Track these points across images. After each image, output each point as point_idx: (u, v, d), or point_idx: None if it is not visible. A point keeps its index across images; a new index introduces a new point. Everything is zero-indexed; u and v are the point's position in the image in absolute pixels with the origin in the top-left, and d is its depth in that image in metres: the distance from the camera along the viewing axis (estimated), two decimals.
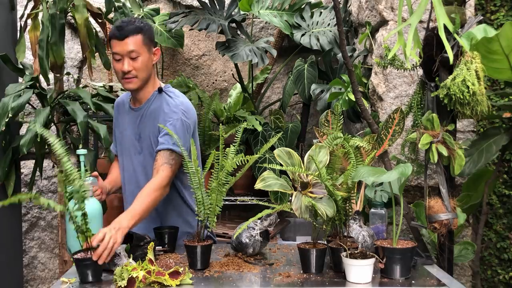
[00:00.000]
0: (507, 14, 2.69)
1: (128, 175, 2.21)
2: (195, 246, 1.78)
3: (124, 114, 2.24)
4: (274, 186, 1.73)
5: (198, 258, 1.78)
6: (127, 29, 2.03)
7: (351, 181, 1.73)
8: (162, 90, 2.15)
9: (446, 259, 1.94)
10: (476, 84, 1.74)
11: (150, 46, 2.10)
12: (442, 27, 1.57)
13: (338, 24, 2.25)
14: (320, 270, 1.75)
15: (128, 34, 2.03)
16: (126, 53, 2.04)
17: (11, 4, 3.00)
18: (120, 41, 2.03)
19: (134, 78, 2.07)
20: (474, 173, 2.24)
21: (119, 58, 2.05)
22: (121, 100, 2.30)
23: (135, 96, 2.17)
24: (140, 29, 2.05)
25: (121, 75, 2.07)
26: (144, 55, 2.07)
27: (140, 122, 2.15)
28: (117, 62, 2.06)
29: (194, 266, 1.78)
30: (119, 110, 2.28)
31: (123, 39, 2.03)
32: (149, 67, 2.11)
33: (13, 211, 3.06)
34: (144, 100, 2.16)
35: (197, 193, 1.81)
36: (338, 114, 2.08)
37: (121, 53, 2.04)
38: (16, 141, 2.81)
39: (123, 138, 2.22)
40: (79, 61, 3.79)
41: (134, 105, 2.20)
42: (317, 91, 3.15)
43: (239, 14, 3.31)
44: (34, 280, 3.70)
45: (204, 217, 1.81)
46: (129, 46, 2.03)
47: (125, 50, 2.03)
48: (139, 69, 2.06)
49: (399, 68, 2.15)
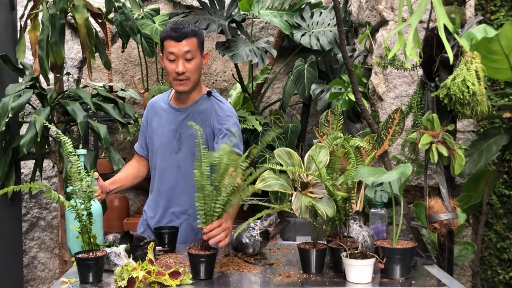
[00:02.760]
0: (507, 14, 2.69)
1: (160, 174, 2.23)
2: (199, 255, 1.70)
3: (162, 113, 2.26)
4: (274, 186, 1.73)
5: (201, 267, 1.69)
6: (184, 31, 2.08)
7: (351, 181, 1.73)
8: (211, 93, 2.22)
9: (446, 259, 1.94)
10: (476, 84, 1.74)
11: (202, 50, 2.17)
12: (442, 27, 1.57)
13: (338, 24, 2.25)
14: (320, 270, 1.75)
15: (186, 36, 2.08)
16: (182, 54, 2.08)
17: (11, 4, 3.00)
18: (177, 42, 2.08)
19: (186, 80, 2.12)
20: (474, 173, 2.24)
21: (174, 58, 2.09)
22: (157, 100, 2.33)
23: (182, 97, 2.20)
24: (195, 32, 2.11)
25: (174, 76, 2.12)
26: (198, 57, 2.12)
27: (183, 122, 2.17)
28: (171, 63, 2.10)
29: (198, 276, 1.69)
30: (154, 109, 2.30)
31: (180, 40, 2.07)
32: (200, 70, 2.18)
33: (13, 211, 3.06)
34: (190, 101, 2.20)
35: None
36: (338, 114, 2.08)
37: (177, 54, 2.08)
38: (16, 141, 2.81)
39: (157, 137, 2.24)
40: (79, 61, 3.79)
41: (178, 105, 2.23)
42: (317, 91, 3.15)
43: (239, 14, 3.31)
44: (34, 280, 3.70)
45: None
46: (186, 48, 2.08)
47: (181, 51, 2.08)
48: (192, 71, 2.11)
49: (399, 68, 2.15)
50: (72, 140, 3.02)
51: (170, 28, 2.11)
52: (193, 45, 2.10)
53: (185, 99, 2.21)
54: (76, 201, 1.66)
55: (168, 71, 2.13)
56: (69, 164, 1.69)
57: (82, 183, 1.68)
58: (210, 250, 1.72)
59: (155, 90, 3.43)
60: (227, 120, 2.14)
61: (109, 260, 1.72)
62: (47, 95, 2.90)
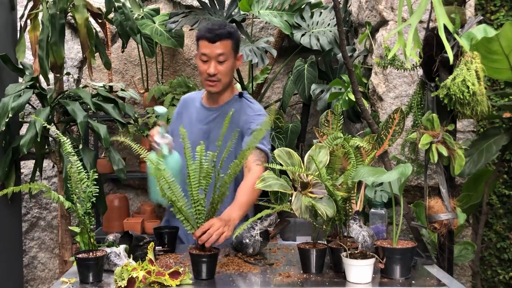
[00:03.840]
0: (507, 14, 2.69)
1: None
2: (201, 255, 1.70)
3: (192, 110, 2.25)
4: (274, 186, 1.72)
5: (203, 267, 1.69)
6: (219, 32, 2.06)
7: (351, 181, 1.73)
8: (242, 95, 2.21)
9: (446, 259, 1.94)
10: (476, 84, 1.74)
11: (236, 52, 2.15)
12: (442, 27, 1.57)
13: (338, 24, 2.25)
14: (320, 270, 1.75)
15: (220, 38, 2.06)
16: (215, 56, 2.07)
17: (11, 4, 3.00)
18: (211, 44, 2.06)
19: (217, 82, 2.11)
20: (474, 173, 2.24)
21: (206, 59, 2.08)
22: (190, 97, 2.33)
23: (213, 97, 2.20)
24: (230, 34, 2.09)
25: (205, 77, 2.11)
26: (230, 60, 2.11)
27: (213, 121, 2.17)
28: (204, 63, 2.10)
29: (199, 276, 1.69)
30: (186, 106, 2.29)
31: (214, 42, 2.06)
32: (232, 72, 2.17)
33: (13, 211, 3.06)
34: (221, 101, 2.20)
35: None
36: (338, 114, 2.08)
37: (210, 55, 2.07)
38: (16, 141, 2.81)
39: (190, 134, 2.15)
40: (79, 61, 3.79)
41: (209, 104, 2.22)
42: (317, 91, 3.15)
43: (239, 14, 3.31)
44: (34, 280, 3.70)
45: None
46: (219, 50, 2.06)
47: (214, 53, 2.06)
48: (224, 73, 2.10)
49: (399, 68, 2.15)
50: (72, 140, 3.04)
51: (206, 28, 2.09)
52: (226, 48, 2.08)
53: (216, 99, 2.20)
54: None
55: (200, 71, 2.12)
56: (69, 164, 1.69)
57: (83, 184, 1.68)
58: (211, 250, 1.72)
59: (155, 90, 3.44)
60: (256, 119, 2.13)
61: (109, 260, 1.72)
62: (47, 95, 2.90)
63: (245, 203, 1.96)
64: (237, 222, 1.86)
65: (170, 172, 1.73)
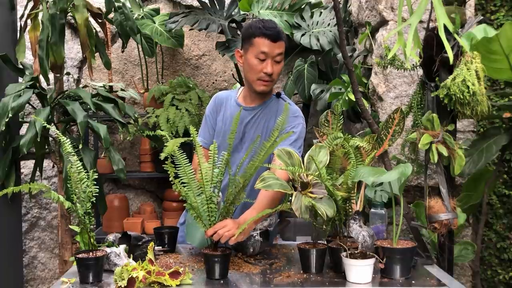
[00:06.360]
0: (507, 14, 2.69)
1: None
2: (215, 255, 1.71)
3: (227, 109, 2.18)
4: (274, 186, 1.72)
5: (216, 267, 1.70)
6: (278, 30, 2.03)
7: (351, 181, 1.73)
8: (280, 95, 2.17)
9: (446, 259, 1.94)
10: (476, 84, 1.74)
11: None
12: (442, 27, 1.57)
13: (338, 24, 2.25)
14: (320, 270, 1.75)
15: (280, 38, 2.03)
16: (274, 55, 2.02)
17: (11, 4, 3.00)
18: (273, 43, 2.01)
19: (270, 82, 2.07)
20: (474, 173, 2.24)
21: (264, 58, 2.02)
22: (225, 95, 2.24)
23: (252, 96, 2.14)
24: (284, 35, 2.06)
25: (260, 76, 2.04)
26: (283, 61, 2.08)
27: (249, 121, 2.13)
28: (260, 62, 2.03)
29: (212, 276, 1.70)
30: (221, 103, 2.21)
31: (276, 41, 2.01)
32: None
33: (13, 211, 3.06)
34: (259, 101, 2.15)
35: None
36: (338, 114, 2.08)
37: (270, 54, 2.01)
38: (16, 141, 2.81)
39: (225, 133, 2.13)
40: (79, 61, 3.79)
41: (246, 104, 2.16)
42: (317, 91, 3.15)
43: (239, 14, 3.31)
44: (34, 280, 3.70)
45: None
46: (279, 50, 2.03)
47: (275, 52, 2.02)
48: (277, 73, 2.07)
49: (399, 68, 2.15)
50: (72, 140, 3.04)
51: (261, 26, 2.01)
52: (283, 48, 2.04)
53: (254, 98, 2.14)
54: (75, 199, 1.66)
55: (254, 69, 2.04)
56: (69, 164, 1.69)
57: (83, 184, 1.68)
58: (225, 251, 1.74)
59: (155, 90, 3.43)
60: (293, 121, 2.09)
61: (109, 260, 1.72)
62: (47, 95, 2.90)
63: (263, 208, 1.88)
64: (252, 226, 1.85)
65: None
